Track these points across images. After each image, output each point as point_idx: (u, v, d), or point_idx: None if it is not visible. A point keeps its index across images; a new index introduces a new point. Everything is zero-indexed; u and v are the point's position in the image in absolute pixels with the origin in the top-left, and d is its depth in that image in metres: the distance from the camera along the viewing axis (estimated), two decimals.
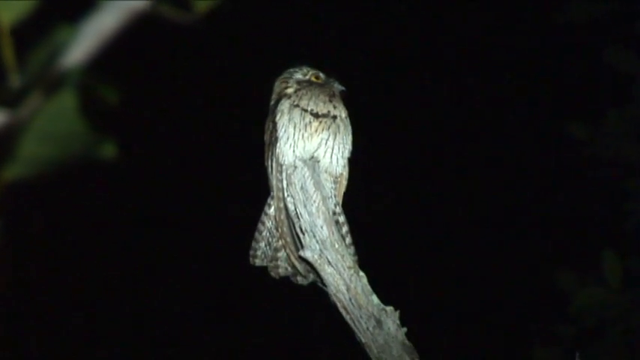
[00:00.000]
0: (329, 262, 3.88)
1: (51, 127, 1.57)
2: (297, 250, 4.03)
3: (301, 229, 3.97)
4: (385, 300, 3.87)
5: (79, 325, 7.51)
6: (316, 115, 4.07)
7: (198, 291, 7.54)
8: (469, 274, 7.60)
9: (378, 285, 3.90)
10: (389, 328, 3.80)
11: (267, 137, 4.15)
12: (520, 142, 7.60)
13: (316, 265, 3.90)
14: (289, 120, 4.07)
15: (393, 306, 3.85)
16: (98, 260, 7.46)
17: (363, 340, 3.81)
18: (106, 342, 7.57)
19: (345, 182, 4.15)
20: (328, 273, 3.88)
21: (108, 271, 7.50)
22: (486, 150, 7.66)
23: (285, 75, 4.24)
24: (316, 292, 4.01)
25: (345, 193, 4.17)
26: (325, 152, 4.05)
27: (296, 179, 4.00)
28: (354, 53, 7.14)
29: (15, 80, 1.57)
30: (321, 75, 4.23)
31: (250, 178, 4.38)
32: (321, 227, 3.92)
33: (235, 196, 6.46)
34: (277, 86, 4.24)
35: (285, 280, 4.25)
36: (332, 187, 4.09)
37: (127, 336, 7.63)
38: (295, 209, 4.00)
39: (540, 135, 7.42)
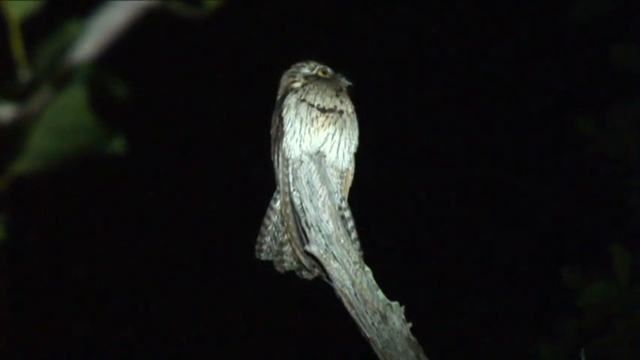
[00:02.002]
0: (334, 257, 3.88)
1: (60, 121, 1.58)
2: (303, 244, 4.04)
3: (307, 224, 3.97)
4: (390, 295, 3.87)
5: (81, 320, 7.53)
6: (323, 110, 4.07)
7: (204, 285, 7.55)
8: (475, 269, 7.60)
9: (383, 280, 3.90)
10: (394, 324, 3.81)
11: (273, 131, 4.15)
12: (526, 138, 7.59)
13: (322, 259, 3.91)
14: (296, 114, 4.07)
15: (399, 301, 3.86)
16: (104, 254, 7.47)
17: (368, 336, 3.82)
18: (109, 339, 7.60)
19: (351, 177, 4.16)
20: (334, 268, 3.88)
21: (114, 264, 7.51)
22: (493, 145, 7.66)
23: (293, 69, 4.24)
24: (321, 287, 4.02)
25: (350, 188, 4.18)
26: (331, 147, 4.05)
27: (302, 174, 4.01)
28: (361, 48, 7.14)
29: (25, 75, 1.58)
30: (329, 70, 4.23)
31: (257, 172, 4.38)
32: (327, 222, 3.92)
33: (242, 190, 6.48)
34: (284, 80, 4.24)
35: (291, 275, 4.26)
36: (338, 182, 4.09)
37: (130, 330, 7.65)
38: (301, 204, 4.00)
39: (546, 131, 7.42)
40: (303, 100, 4.09)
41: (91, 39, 1.60)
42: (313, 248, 3.92)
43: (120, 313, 7.60)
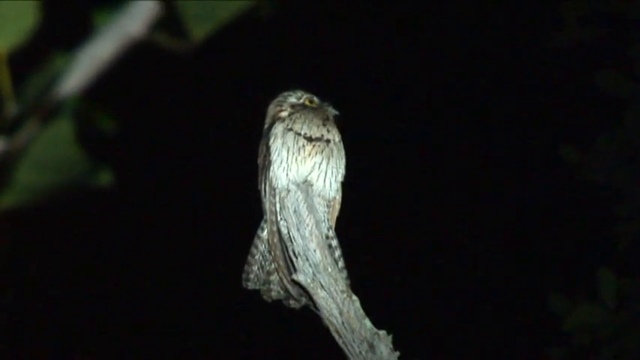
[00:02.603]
0: (322, 285, 3.87)
1: (47, 154, 1.57)
2: (290, 273, 4.03)
3: (294, 253, 3.96)
4: (378, 324, 3.86)
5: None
6: (310, 139, 4.07)
7: (193, 314, 7.53)
8: (462, 297, 7.59)
9: (370, 309, 3.90)
10: (382, 352, 3.79)
11: (260, 161, 4.15)
12: (513, 165, 7.61)
13: (309, 288, 3.90)
14: (283, 144, 4.07)
15: (386, 330, 3.85)
16: (93, 287, 7.45)
17: None
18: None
19: (338, 206, 4.15)
20: (321, 297, 3.87)
21: (103, 297, 7.49)
22: (479, 173, 7.68)
23: (280, 98, 4.24)
24: (309, 316, 4.00)
25: (337, 217, 4.17)
26: (318, 176, 4.05)
27: (289, 203, 4.00)
28: (348, 78, 7.16)
29: (12, 108, 1.57)
30: (315, 99, 4.23)
31: (244, 201, 4.38)
32: (314, 251, 3.92)
33: (229, 219, 6.47)
34: (271, 110, 4.23)
35: (278, 304, 4.24)
36: (325, 211, 4.09)
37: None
38: (288, 233, 4.00)
39: (532, 158, 7.44)
40: (290, 129, 4.09)
41: (79, 72, 1.61)
42: (300, 277, 3.91)
43: (111, 341, 7.56)
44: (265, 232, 4.18)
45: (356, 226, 4.44)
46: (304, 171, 4.04)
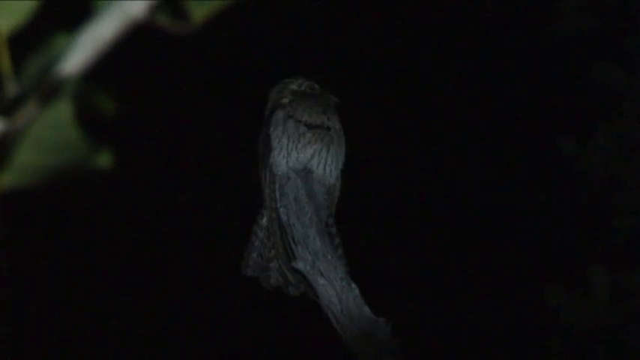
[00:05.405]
0: (321, 273, 3.88)
1: (47, 135, 1.57)
2: (290, 260, 4.03)
3: (294, 240, 3.96)
4: (377, 312, 3.86)
5: (71, 336, 7.51)
6: (310, 126, 4.07)
7: (191, 299, 7.53)
8: (459, 288, 7.60)
9: (370, 297, 3.90)
10: (381, 340, 3.80)
11: (260, 148, 4.15)
12: (509, 156, 7.61)
13: (308, 276, 3.90)
14: (283, 131, 4.07)
15: (385, 318, 3.85)
16: (92, 269, 7.45)
17: (355, 352, 3.81)
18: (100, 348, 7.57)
19: (337, 194, 4.16)
20: (320, 284, 3.87)
21: (101, 279, 7.49)
22: (476, 164, 7.67)
23: (280, 85, 4.24)
24: (308, 303, 4.01)
25: (337, 205, 4.18)
26: (319, 163, 4.05)
27: (289, 190, 4.01)
28: (350, 65, 7.15)
29: (11, 88, 1.57)
30: (316, 86, 4.23)
31: (243, 188, 4.38)
32: (314, 238, 3.92)
33: (228, 206, 6.47)
34: (272, 96, 4.24)
35: (277, 291, 4.24)
36: (325, 199, 4.09)
37: (119, 338, 7.63)
38: (288, 220, 4.00)
39: (529, 149, 7.43)
40: (291, 117, 4.09)
41: (79, 53, 1.60)
42: (300, 265, 3.91)
43: (108, 325, 7.56)
44: (265, 220, 4.18)
45: (355, 214, 4.44)
46: (304, 158, 4.04)
